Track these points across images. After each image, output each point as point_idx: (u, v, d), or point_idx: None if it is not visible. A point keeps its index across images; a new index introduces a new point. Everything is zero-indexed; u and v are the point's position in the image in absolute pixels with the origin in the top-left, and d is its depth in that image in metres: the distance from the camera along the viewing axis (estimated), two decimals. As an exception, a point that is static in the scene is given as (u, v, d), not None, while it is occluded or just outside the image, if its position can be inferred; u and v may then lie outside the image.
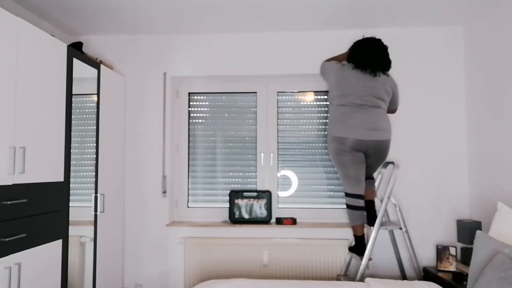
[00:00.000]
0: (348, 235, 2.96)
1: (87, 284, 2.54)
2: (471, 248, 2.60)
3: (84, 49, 3.14)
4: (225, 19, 2.82)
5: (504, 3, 2.48)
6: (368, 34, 3.02)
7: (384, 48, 2.64)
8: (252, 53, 3.09)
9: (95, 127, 2.63)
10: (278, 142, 3.16)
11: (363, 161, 2.59)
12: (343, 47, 3.04)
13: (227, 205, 3.15)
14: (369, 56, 2.59)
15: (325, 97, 3.15)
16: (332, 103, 2.70)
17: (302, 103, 3.17)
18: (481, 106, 2.75)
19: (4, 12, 1.83)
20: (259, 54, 3.08)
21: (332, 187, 3.12)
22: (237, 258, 2.94)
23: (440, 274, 2.57)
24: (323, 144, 3.13)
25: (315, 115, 3.15)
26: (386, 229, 2.67)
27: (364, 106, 2.56)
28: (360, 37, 3.02)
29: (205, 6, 2.60)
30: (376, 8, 2.65)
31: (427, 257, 2.91)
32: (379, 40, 2.66)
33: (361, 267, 2.51)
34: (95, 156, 2.63)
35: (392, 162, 2.76)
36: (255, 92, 3.20)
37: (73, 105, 2.38)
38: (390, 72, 2.98)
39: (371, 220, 2.67)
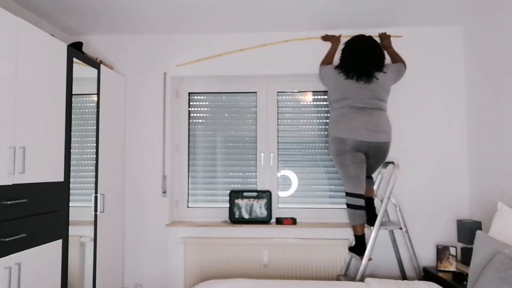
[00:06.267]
0: (348, 235, 2.96)
1: (87, 284, 2.54)
2: (471, 248, 2.59)
3: (84, 49, 3.13)
4: (225, 19, 2.82)
5: (504, 3, 2.47)
6: (369, 34, 3.01)
7: (374, 46, 2.63)
8: (252, 53, 3.08)
9: (95, 127, 2.63)
10: (278, 142, 3.16)
11: (363, 161, 2.59)
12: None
13: (227, 205, 3.15)
14: (360, 64, 2.58)
15: (325, 97, 3.15)
16: (332, 105, 2.71)
17: (302, 103, 3.17)
18: (481, 106, 2.75)
19: (4, 12, 1.83)
20: (259, 54, 3.08)
21: (332, 187, 3.11)
22: (237, 258, 2.94)
23: (440, 274, 2.57)
24: (323, 144, 3.13)
25: (315, 115, 3.15)
26: (386, 229, 2.67)
27: (366, 109, 2.56)
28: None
29: (205, 6, 2.60)
30: (376, 9, 2.64)
31: (427, 257, 2.91)
32: (366, 41, 2.64)
33: (361, 267, 2.51)
34: (95, 156, 2.63)
35: (392, 162, 2.76)
36: (255, 92, 3.20)
37: (73, 105, 2.38)
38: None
39: (370, 218, 2.67)
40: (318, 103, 3.16)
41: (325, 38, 2.98)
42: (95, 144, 2.63)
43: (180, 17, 2.79)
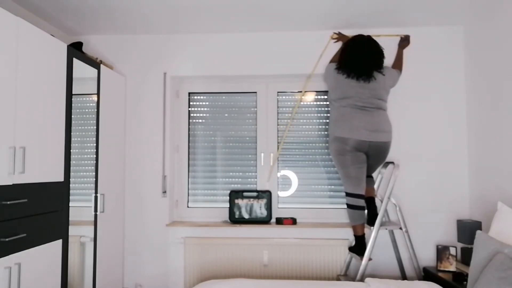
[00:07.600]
0: (348, 235, 2.96)
1: (87, 284, 2.54)
2: (471, 248, 2.59)
3: (84, 49, 3.13)
4: (225, 19, 2.82)
5: (505, 3, 2.48)
6: (370, 34, 3.01)
7: (373, 46, 2.63)
8: (252, 53, 3.08)
9: (95, 127, 2.63)
10: (278, 142, 3.16)
11: (364, 161, 2.59)
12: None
13: (227, 205, 3.15)
14: (360, 64, 2.58)
15: (325, 97, 3.15)
16: (333, 103, 2.71)
17: (302, 103, 3.17)
18: (481, 106, 2.75)
19: (4, 12, 1.83)
20: (259, 54, 3.08)
21: (332, 187, 3.11)
22: (237, 258, 2.94)
23: (440, 274, 2.57)
24: (323, 144, 3.13)
25: (315, 115, 3.15)
26: (386, 229, 2.67)
27: (366, 108, 2.56)
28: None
29: (204, 6, 2.60)
30: (377, 8, 2.64)
31: (427, 257, 2.91)
32: (366, 41, 2.64)
33: (361, 267, 2.51)
34: (95, 156, 2.63)
35: (392, 162, 2.76)
36: (255, 92, 3.20)
37: (73, 105, 2.38)
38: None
39: (371, 217, 2.67)
40: (319, 103, 3.16)
41: (337, 37, 2.97)
42: (95, 144, 2.63)
43: (180, 17, 2.79)
